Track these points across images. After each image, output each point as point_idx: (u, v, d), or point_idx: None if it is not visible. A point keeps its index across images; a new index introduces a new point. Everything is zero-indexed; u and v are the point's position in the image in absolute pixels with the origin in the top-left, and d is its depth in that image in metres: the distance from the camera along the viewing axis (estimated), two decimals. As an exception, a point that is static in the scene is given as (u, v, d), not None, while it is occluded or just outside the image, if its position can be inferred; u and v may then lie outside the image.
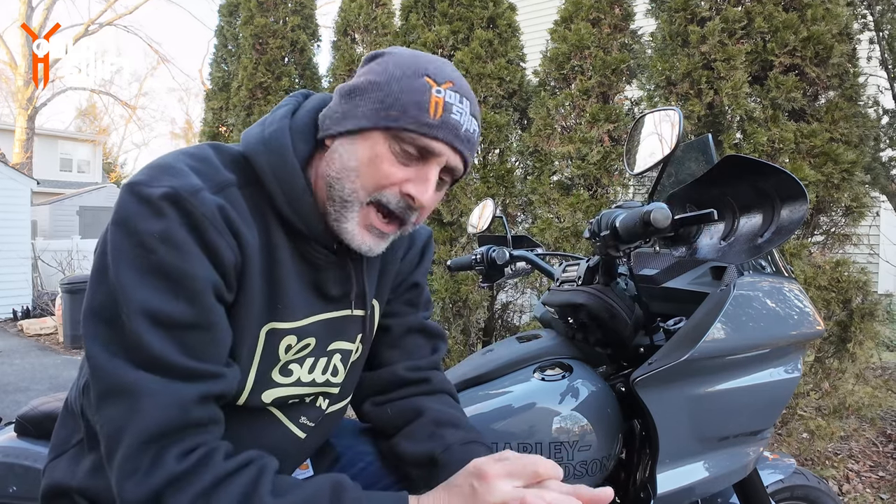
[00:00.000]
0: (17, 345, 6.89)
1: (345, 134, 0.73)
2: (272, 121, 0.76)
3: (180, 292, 0.63)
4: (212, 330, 0.66)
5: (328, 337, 0.81)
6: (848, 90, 2.69)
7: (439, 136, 0.71)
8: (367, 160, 0.71)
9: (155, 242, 0.63)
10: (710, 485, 0.97)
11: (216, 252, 0.66)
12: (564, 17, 3.42)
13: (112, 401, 0.62)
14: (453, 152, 0.73)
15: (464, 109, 0.73)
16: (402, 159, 0.71)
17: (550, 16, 3.64)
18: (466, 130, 0.73)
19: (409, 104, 0.70)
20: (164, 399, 0.61)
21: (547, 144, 3.40)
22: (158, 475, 0.59)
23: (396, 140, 0.71)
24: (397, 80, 0.71)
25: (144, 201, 0.64)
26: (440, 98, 0.71)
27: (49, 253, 9.47)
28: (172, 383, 0.62)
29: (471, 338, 3.65)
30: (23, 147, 16.79)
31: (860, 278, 2.63)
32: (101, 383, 0.63)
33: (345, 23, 4.65)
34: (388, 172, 0.71)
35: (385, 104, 0.70)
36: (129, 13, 25.85)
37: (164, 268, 0.63)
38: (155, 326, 0.62)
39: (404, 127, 0.70)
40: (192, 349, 0.64)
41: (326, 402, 0.86)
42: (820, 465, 2.74)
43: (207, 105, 5.82)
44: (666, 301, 1.10)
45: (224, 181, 0.70)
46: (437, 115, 0.70)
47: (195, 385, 0.63)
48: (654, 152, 0.96)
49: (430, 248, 0.98)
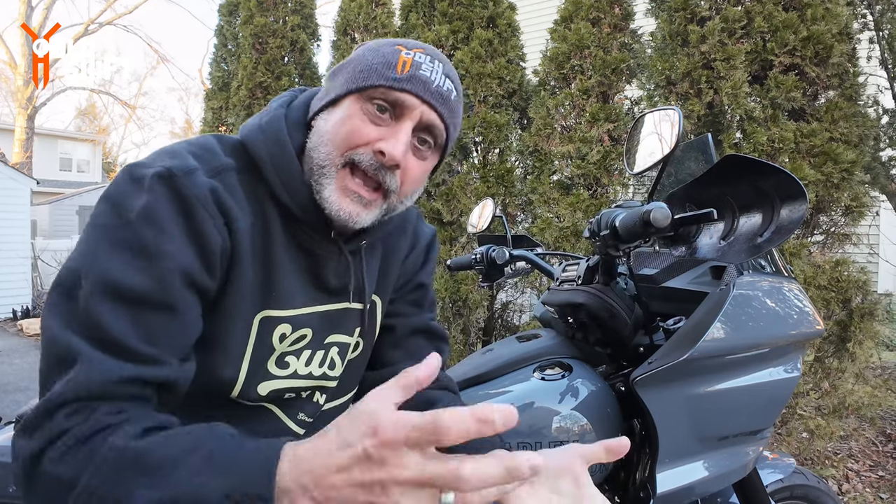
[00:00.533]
0: (17, 344, 6.89)
1: (324, 107, 0.75)
2: (268, 111, 0.78)
3: (147, 269, 0.61)
4: (171, 314, 0.63)
5: (325, 329, 0.81)
6: (848, 90, 2.69)
7: (406, 88, 0.71)
8: (338, 122, 0.72)
9: (133, 217, 0.62)
10: (709, 484, 0.97)
11: (202, 234, 0.65)
12: (564, 17, 3.43)
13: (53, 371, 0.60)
14: (426, 106, 0.73)
15: (435, 68, 0.73)
16: (373, 118, 0.72)
17: (550, 15, 3.65)
18: (438, 86, 0.73)
19: (378, 65, 0.72)
20: (95, 372, 0.58)
21: (547, 144, 3.40)
22: (48, 429, 0.57)
23: (367, 99, 0.72)
24: (371, 50, 0.74)
25: (136, 180, 0.64)
26: (409, 58, 0.72)
27: (49, 252, 9.47)
28: (108, 358, 0.59)
29: (470, 337, 3.65)
30: (22, 147, 16.78)
31: (860, 278, 2.63)
32: (47, 352, 0.61)
33: (344, 22, 4.65)
34: (359, 129, 0.71)
35: (356, 70, 0.73)
36: (128, 13, 25.81)
37: (136, 242, 0.62)
38: (110, 297, 0.60)
39: (372, 84, 0.71)
40: (143, 328, 0.61)
41: (324, 397, 0.85)
42: (819, 464, 2.74)
43: (207, 104, 5.82)
44: (665, 300, 1.10)
45: (222, 165, 0.71)
46: (404, 70, 0.71)
47: (129, 365, 0.60)
48: (654, 152, 0.96)
49: (434, 247, 0.98)
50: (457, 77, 0.78)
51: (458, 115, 0.78)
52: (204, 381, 0.70)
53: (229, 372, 0.73)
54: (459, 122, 0.79)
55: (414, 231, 0.94)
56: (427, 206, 3.72)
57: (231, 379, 0.73)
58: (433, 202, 3.70)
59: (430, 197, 3.79)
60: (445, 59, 0.76)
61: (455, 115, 0.77)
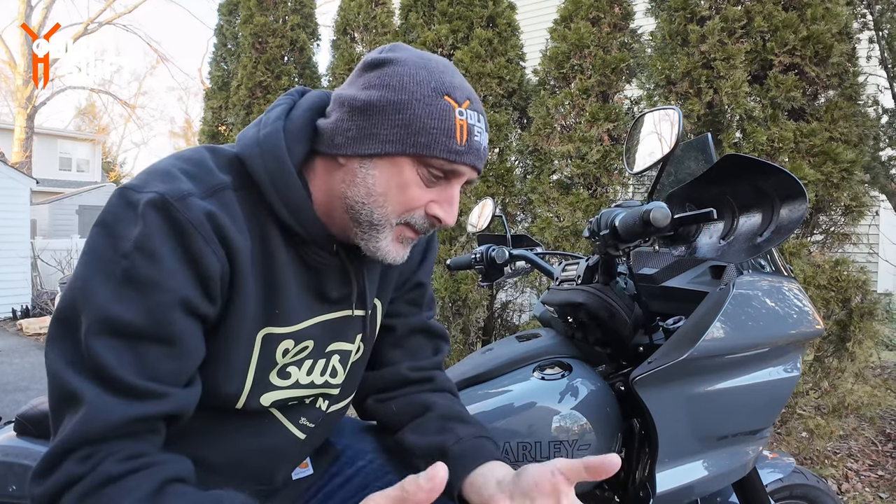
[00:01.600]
0: (17, 344, 6.88)
1: (366, 156, 0.71)
2: (266, 122, 0.74)
3: (144, 302, 0.61)
4: (170, 345, 0.63)
5: (327, 338, 0.81)
6: (847, 89, 2.68)
7: (466, 162, 0.72)
8: (395, 186, 0.71)
9: (129, 248, 0.61)
10: (709, 484, 0.97)
11: (200, 261, 0.64)
12: (564, 16, 3.42)
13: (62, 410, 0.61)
14: (474, 172, 0.75)
15: (482, 128, 0.74)
16: (428, 182, 0.72)
17: (550, 15, 3.64)
18: (484, 149, 0.75)
19: (437, 131, 0.69)
20: (101, 413, 0.59)
21: (546, 143, 3.40)
22: (60, 475, 0.58)
23: (424, 165, 0.71)
24: (419, 102, 0.69)
25: (130, 206, 0.63)
26: (464, 121, 0.70)
27: (48, 252, 9.46)
28: (112, 398, 0.60)
29: (470, 337, 3.65)
30: (22, 146, 16.77)
31: (859, 277, 2.63)
32: (54, 391, 0.62)
33: (344, 22, 4.65)
34: (416, 196, 0.72)
35: (411, 130, 0.68)
36: (128, 12, 25.85)
37: (133, 275, 0.61)
38: (110, 335, 0.60)
39: (434, 155, 0.70)
40: (144, 363, 0.62)
41: (326, 402, 0.86)
42: (819, 464, 2.74)
43: (207, 104, 5.81)
44: (665, 300, 1.10)
45: (218, 184, 0.69)
46: (463, 141, 0.70)
47: (133, 404, 0.61)
48: (654, 151, 0.96)
49: (433, 247, 0.98)
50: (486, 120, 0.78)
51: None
52: (208, 396, 0.70)
53: (233, 388, 0.73)
54: None
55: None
56: (427, 205, 3.72)
57: (235, 393, 0.73)
58: (433, 202, 3.70)
59: (429, 196, 3.78)
60: (482, 107, 0.75)
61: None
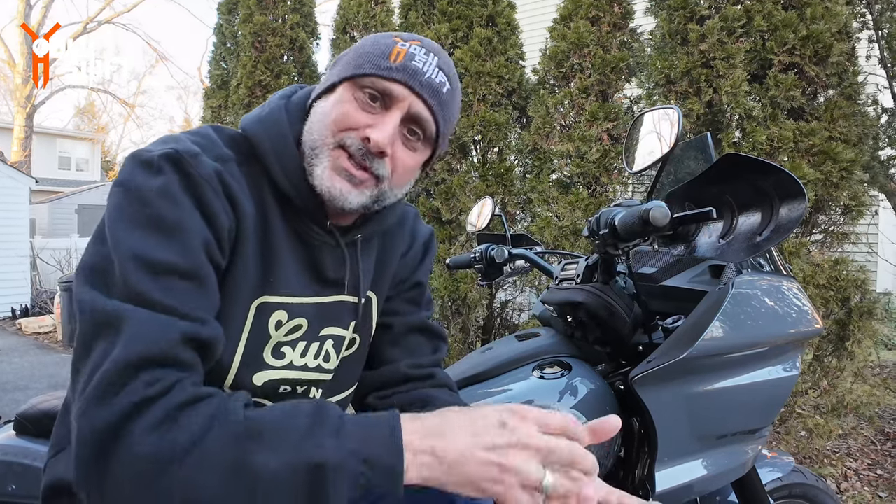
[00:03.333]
0: (16, 343, 6.88)
1: (321, 94, 0.77)
2: (269, 104, 0.80)
3: (173, 242, 0.63)
4: (201, 282, 0.65)
5: (321, 321, 0.82)
6: (847, 89, 2.69)
7: (397, 78, 0.72)
8: (331, 107, 0.74)
9: (152, 196, 0.64)
10: (708, 483, 0.97)
11: (212, 212, 0.67)
12: (564, 16, 3.42)
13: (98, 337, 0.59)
14: (415, 97, 0.74)
15: (429, 60, 0.75)
16: (363, 106, 0.73)
17: (550, 14, 3.64)
18: (430, 77, 0.74)
19: (373, 54, 0.74)
20: (150, 327, 0.59)
21: (546, 143, 3.40)
22: (127, 397, 0.55)
23: (359, 87, 0.73)
24: (369, 42, 0.77)
25: (145, 162, 0.66)
26: (403, 49, 0.74)
27: (48, 251, 9.45)
28: (158, 315, 0.60)
29: (470, 336, 3.65)
30: (21, 145, 16.76)
31: (859, 277, 2.63)
32: (87, 322, 0.60)
33: (344, 21, 4.65)
34: (349, 114, 0.73)
35: (352, 58, 0.75)
36: (127, 11, 25.79)
37: (159, 220, 0.64)
38: (143, 269, 0.61)
39: (364, 72, 0.73)
40: (178, 294, 0.62)
41: (319, 392, 0.86)
42: (818, 463, 2.74)
43: (206, 103, 5.81)
44: (665, 299, 1.10)
45: (223, 155, 0.73)
46: (396, 60, 0.73)
47: (181, 322, 0.61)
48: (653, 151, 0.96)
49: (432, 246, 0.98)
50: (453, 71, 0.78)
51: (450, 109, 0.78)
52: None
53: (224, 357, 0.72)
54: (453, 115, 0.80)
55: (411, 230, 0.95)
56: (426, 204, 3.72)
57: (226, 364, 0.73)
58: (432, 201, 3.70)
59: (429, 195, 3.79)
60: (443, 53, 0.77)
61: (447, 108, 0.77)
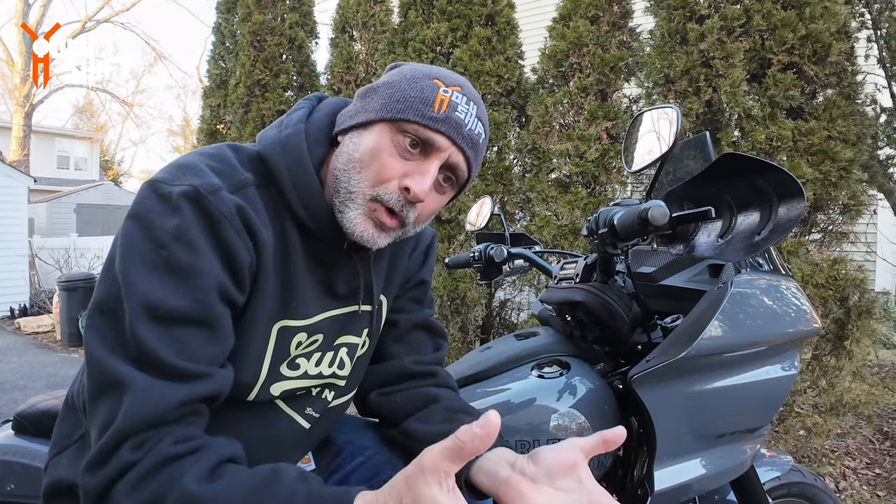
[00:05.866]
0: (15, 343, 6.87)
1: (354, 128, 0.75)
2: (288, 123, 0.78)
3: (185, 288, 0.63)
4: (211, 328, 0.66)
5: (336, 332, 0.83)
6: (846, 88, 2.69)
7: (441, 129, 0.72)
8: (369, 150, 0.72)
9: (167, 238, 0.64)
10: (707, 482, 0.97)
11: (232, 251, 0.67)
12: (563, 15, 3.42)
13: (103, 395, 0.62)
14: (455, 148, 0.74)
15: (469, 111, 0.74)
16: (403, 152, 0.72)
17: (549, 13, 3.64)
18: (470, 130, 0.74)
19: (416, 99, 0.72)
20: (150, 395, 0.61)
21: (545, 142, 3.40)
22: (115, 463, 0.59)
23: (399, 131, 0.72)
24: (408, 80, 0.74)
25: (163, 198, 0.65)
26: (446, 97, 0.73)
27: (46, 251, 9.45)
28: (159, 382, 0.61)
29: (469, 335, 3.65)
30: (20, 144, 16.74)
31: (857, 276, 2.63)
32: (95, 377, 0.63)
33: (343, 20, 4.64)
34: (390, 164, 0.72)
35: (393, 99, 0.73)
36: (126, 10, 25.90)
37: (172, 264, 0.63)
38: (153, 320, 0.62)
39: (408, 118, 0.71)
40: (186, 347, 0.64)
41: (332, 394, 0.88)
42: (817, 462, 2.75)
43: (205, 102, 5.81)
44: (663, 298, 1.11)
45: (242, 180, 0.71)
46: (441, 111, 0.72)
47: (182, 386, 0.63)
48: (652, 150, 0.96)
49: (434, 247, 1.01)
50: (486, 118, 0.79)
51: (482, 156, 0.80)
52: None
53: (248, 378, 0.74)
54: (481, 161, 0.81)
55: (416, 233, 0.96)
56: (425, 204, 3.71)
57: (250, 384, 0.75)
58: (431, 200, 3.70)
59: (428, 195, 3.78)
60: (479, 100, 0.77)
61: (480, 156, 0.79)
